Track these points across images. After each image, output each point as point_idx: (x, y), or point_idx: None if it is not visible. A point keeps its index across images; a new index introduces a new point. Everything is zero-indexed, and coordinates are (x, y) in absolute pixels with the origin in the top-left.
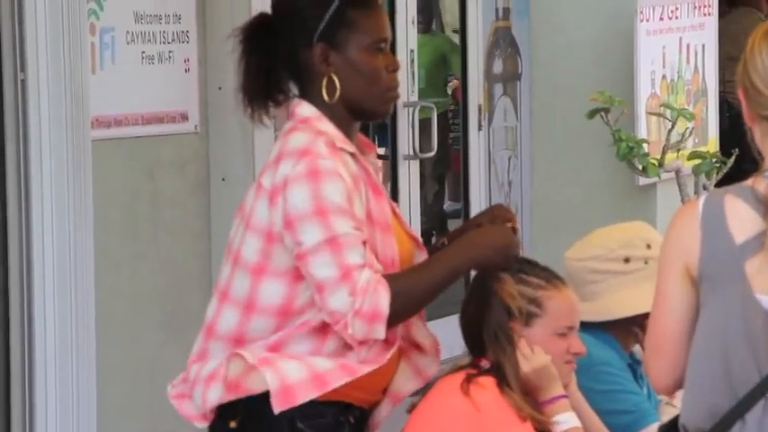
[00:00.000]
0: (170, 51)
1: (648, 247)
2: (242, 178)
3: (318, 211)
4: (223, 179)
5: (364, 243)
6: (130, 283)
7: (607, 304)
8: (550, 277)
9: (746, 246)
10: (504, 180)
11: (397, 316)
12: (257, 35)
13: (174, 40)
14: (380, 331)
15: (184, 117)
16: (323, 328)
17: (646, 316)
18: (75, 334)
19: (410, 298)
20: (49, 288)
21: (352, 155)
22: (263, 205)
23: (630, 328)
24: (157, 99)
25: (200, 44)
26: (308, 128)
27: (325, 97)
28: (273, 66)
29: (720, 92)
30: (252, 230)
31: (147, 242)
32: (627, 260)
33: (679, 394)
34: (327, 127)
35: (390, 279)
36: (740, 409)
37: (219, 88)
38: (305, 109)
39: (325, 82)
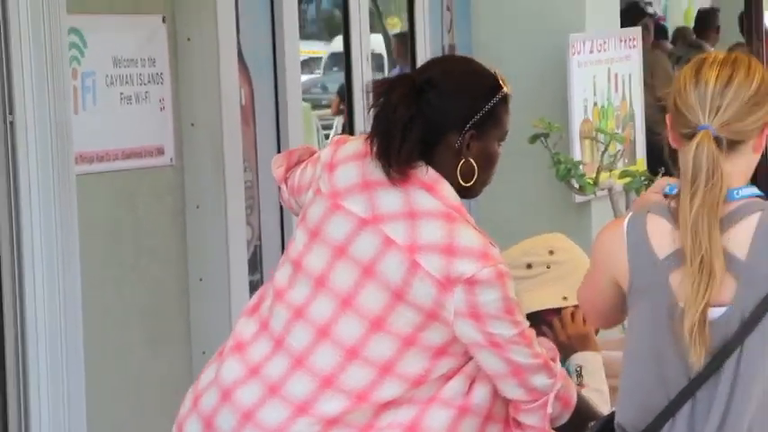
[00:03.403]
0: (146, 92)
1: (551, 253)
2: (214, 206)
3: (508, 310)
4: (197, 207)
5: None
6: (115, 304)
7: None
8: None
9: (669, 260)
10: None
11: None
12: (413, 101)
13: (149, 81)
14: (566, 418)
15: (161, 151)
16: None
17: (554, 314)
18: (66, 347)
19: None
20: (40, 308)
21: None
22: (425, 287)
23: (541, 328)
24: (136, 135)
25: (173, 85)
26: (466, 221)
27: (461, 180)
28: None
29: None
30: (407, 305)
31: (129, 266)
32: (529, 266)
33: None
34: (471, 219)
35: None
36: (671, 409)
37: (192, 124)
38: (450, 191)
39: (461, 166)
